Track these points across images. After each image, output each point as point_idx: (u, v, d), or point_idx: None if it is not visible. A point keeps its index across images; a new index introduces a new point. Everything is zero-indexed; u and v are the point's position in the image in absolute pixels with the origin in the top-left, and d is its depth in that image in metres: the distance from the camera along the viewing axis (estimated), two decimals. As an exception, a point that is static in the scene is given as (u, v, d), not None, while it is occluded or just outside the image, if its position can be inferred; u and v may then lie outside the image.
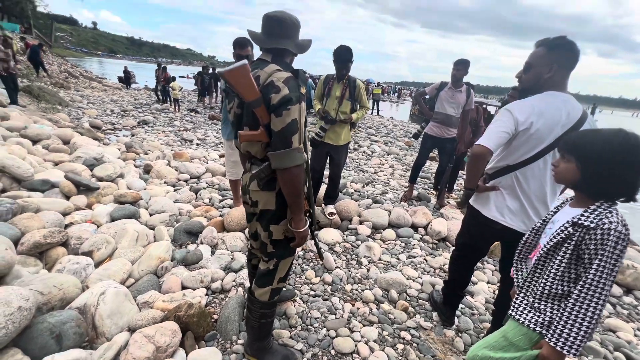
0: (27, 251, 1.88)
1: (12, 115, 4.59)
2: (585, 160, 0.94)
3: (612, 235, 0.87)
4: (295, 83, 1.16)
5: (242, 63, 1.08)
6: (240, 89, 1.11)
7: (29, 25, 23.71)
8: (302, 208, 1.28)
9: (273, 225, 1.34)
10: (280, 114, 1.11)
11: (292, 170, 1.16)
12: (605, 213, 0.91)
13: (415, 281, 2.40)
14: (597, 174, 0.92)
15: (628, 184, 0.91)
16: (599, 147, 0.92)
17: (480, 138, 1.47)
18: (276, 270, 1.43)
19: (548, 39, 1.42)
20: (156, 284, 2.01)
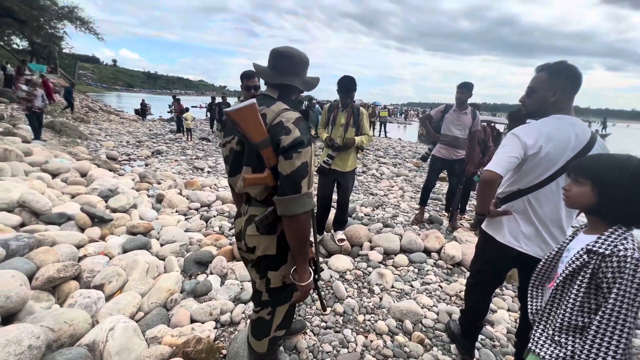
0: (40, 286, 1.91)
1: (34, 150, 4.83)
2: (603, 184, 0.92)
3: (629, 262, 0.83)
4: (305, 125, 1.11)
5: (250, 102, 1.05)
6: (247, 130, 1.06)
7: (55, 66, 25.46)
8: (307, 258, 1.18)
9: (271, 271, 1.23)
10: (291, 157, 1.04)
11: (300, 218, 1.07)
12: (620, 239, 0.88)
13: (431, 310, 2.30)
14: (615, 199, 0.90)
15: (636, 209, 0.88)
16: (617, 171, 0.90)
17: (489, 163, 1.45)
18: (272, 320, 1.31)
19: (549, 63, 1.43)
20: (165, 318, 1.99)
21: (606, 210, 0.93)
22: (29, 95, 6.98)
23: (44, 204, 2.80)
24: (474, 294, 1.80)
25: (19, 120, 8.84)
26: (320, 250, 3.02)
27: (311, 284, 1.24)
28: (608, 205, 0.92)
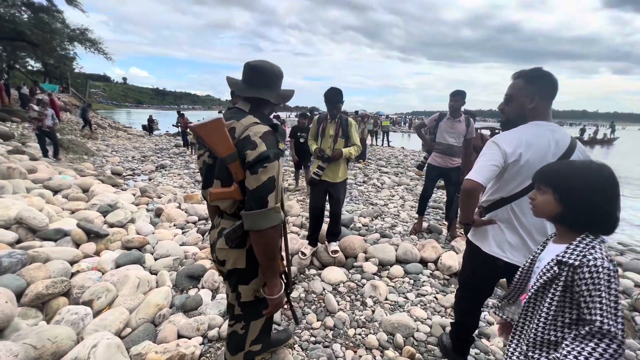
0: (29, 302, 1.92)
1: (39, 167, 4.95)
2: (564, 191, 0.90)
3: (601, 273, 0.80)
4: (273, 138, 1.10)
5: (216, 118, 1.06)
6: (213, 144, 1.06)
7: (67, 85, 26.37)
8: (277, 272, 1.18)
9: (242, 285, 1.23)
10: (256, 172, 1.04)
11: (267, 233, 1.07)
12: (588, 249, 0.85)
13: (424, 323, 2.23)
14: (578, 206, 0.88)
15: (608, 215, 0.86)
16: (578, 177, 0.88)
17: (470, 172, 1.44)
18: (247, 334, 1.30)
19: (525, 70, 1.43)
20: (152, 334, 1.98)
21: (571, 218, 0.91)
22: (40, 114, 7.20)
23: (40, 221, 2.85)
24: (463, 307, 1.75)
25: (29, 138, 9.11)
26: (313, 262, 2.99)
27: (282, 297, 1.23)
28: (572, 213, 0.89)
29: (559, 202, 0.91)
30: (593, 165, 0.88)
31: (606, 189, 0.85)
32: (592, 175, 0.86)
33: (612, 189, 0.85)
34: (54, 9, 12.98)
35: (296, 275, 2.77)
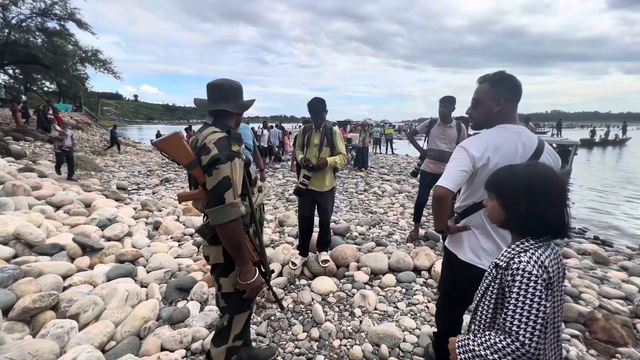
0: (16, 317, 1.96)
1: (44, 184, 5.11)
2: (504, 196, 0.89)
3: (523, 275, 0.79)
4: (226, 142, 1.23)
5: (173, 132, 1.20)
6: (173, 155, 1.21)
7: (80, 104, 27.34)
8: (246, 260, 1.29)
9: (222, 277, 1.37)
10: (211, 174, 1.18)
11: (228, 226, 1.19)
12: (518, 252, 0.84)
13: (412, 333, 2.18)
14: (516, 210, 0.87)
15: (549, 220, 0.84)
16: (513, 181, 0.87)
17: (440, 178, 1.43)
18: (231, 327, 1.41)
19: (489, 74, 1.43)
20: (136, 347, 1.98)
21: (514, 223, 0.90)
22: (61, 134, 7.39)
23: (36, 236, 2.93)
24: (444, 315, 1.71)
25: (40, 156, 9.43)
26: (304, 272, 2.97)
27: (258, 282, 1.34)
28: (514, 218, 0.88)
29: (502, 208, 0.90)
30: (533, 168, 0.87)
31: (546, 192, 0.84)
32: (531, 179, 0.85)
33: (552, 192, 0.83)
34: (66, 32, 13.61)
35: (286, 286, 2.76)
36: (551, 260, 0.85)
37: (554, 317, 0.87)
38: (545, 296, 0.78)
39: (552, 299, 0.83)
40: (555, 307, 0.87)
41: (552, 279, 0.81)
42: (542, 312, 0.77)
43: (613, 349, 2.07)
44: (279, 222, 4.55)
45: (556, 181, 0.84)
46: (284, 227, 4.40)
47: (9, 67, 14.08)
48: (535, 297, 0.78)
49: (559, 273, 0.90)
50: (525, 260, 0.80)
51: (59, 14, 12.80)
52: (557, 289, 0.87)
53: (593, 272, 3.25)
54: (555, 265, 0.88)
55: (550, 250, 0.88)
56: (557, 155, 1.38)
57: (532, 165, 0.88)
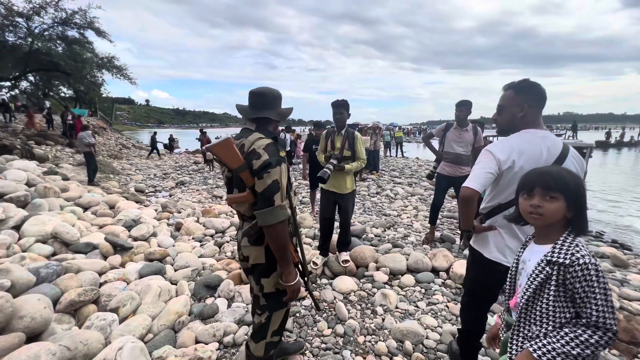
0: (63, 309, 2.10)
1: (70, 187, 5.33)
2: (574, 197, 0.94)
3: (591, 270, 0.87)
4: (274, 148, 1.31)
5: (224, 138, 1.29)
6: (225, 159, 1.28)
7: (95, 109, 28.11)
8: (289, 262, 1.35)
9: (264, 278, 1.42)
10: (262, 177, 1.25)
11: (276, 227, 1.26)
12: (574, 247, 0.92)
13: (434, 331, 2.25)
14: (582, 210, 0.94)
15: (586, 216, 0.92)
16: (578, 183, 0.95)
17: (467, 180, 1.51)
18: (269, 323, 1.47)
19: (514, 82, 1.51)
20: (172, 339, 2.10)
21: (575, 222, 0.95)
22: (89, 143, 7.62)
23: (72, 235, 3.10)
24: (469, 313, 1.77)
25: (61, 160, 9.78)
26: (325, 271, 3.06)
27: (298, 284, 1.41)
28: (578, 217, 0.95)
29: (568, 208, 0.95)
30: (570, 170, 0.96)
31: (585, 193, 0.93)
32: (580, 180, 0.94)
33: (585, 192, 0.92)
34: (85, 40, 14.11)
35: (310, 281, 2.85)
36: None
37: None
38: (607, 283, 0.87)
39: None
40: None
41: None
42: (610, 295, 0.87)
43: (635, 350, 2.10)
44: (295, 224, 4.66)
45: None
46: (301, 229, 4.50)
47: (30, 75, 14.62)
48: (607, 286, 0.86)
49: None
50: (586, 254, 0.88)
51: (79, 23, 13.30)
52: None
53: (612, 275, 3.25)
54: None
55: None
56: (582, 159, 1.45)
57: (566, 168, 0.97)
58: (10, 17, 12.21)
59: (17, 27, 12.62)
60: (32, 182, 4.72)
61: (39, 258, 2.68)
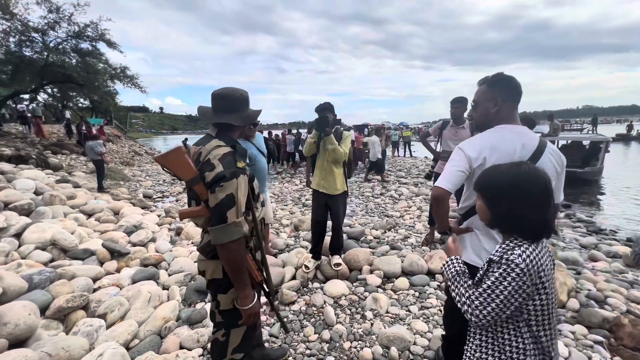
0: (52, 315, 2.14)
1: (78, 194, 5.49)
2: (489, 196, 0.91)
3: (510, 267, 0.83)
4: (231, 159, 1.19)
5: (175, 147, 1.18)
6: (176, 171, 1.18)
7: (111, 118, 29.06)
8: (246, 283, 1.25)
9: (221, 294, 1.31)
10: (214, 191, 1.14)
11: (229, 246, 1.15)
12: (511, 247, 0.87)
13: (424, 336, 2.17)
14: (499, 210, 0.89)
15: (524, 218, 0.85)
16: (496, 181, 0.89)
17: (438, 179, 1.45)
18: (228, 341, 1.36)
19: (488, 77, 1.44)
20: (157, 345, 2.11)
21: (498, 223, 0.91)
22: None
23: (70, 242, 3.17)
24: (452, 318, 1.70)
25: (75, 168, 10.12)
26: (317, 275, 3.02)
27: (256, 308, 1.30)
28: (497, 218, 0.90)
29: (487, 207, 0.92)
30: (517, 168, 0.88)
31: (526, 192, 0.85)
32: (513, 179, 0.87)
33: (532, 193, 0.85)
34: (97, 52, 14.59)
35: (299, 289, 2.82)
36: (542, 257, 0.87)
37: (549, 313, 0.89)
38: (523, 291, 0.82)
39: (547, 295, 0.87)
40: (550, 302, 0.90)
41: (545, 277, 0.83)
42: (510, 304, 0.83)
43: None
44: (294, 227, 4.64)
45: (538, 182, 0.85)
46: (299, 231, 4.47)
47: (47, 87, 15.22)
48: (510, 287, 0.82)
49: (551, 270, 0.92)
50: (517, 254, 0.83)
51: (91, 36, 13.75)
52: (550, 285, 0.89)
53: (623, 276, 3.07)
54: (549, 263, 0.90)
55: (542, 247, 0.89)
56: (562, 156, 1.36)
57: (516, 165, 0.90)
58: (27, 33, 12.78)
59: (34, 42, 13.18)
60: (40, 190, 4.88)
61: (35, 265, 2.75)
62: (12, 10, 12.26)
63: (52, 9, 12.84)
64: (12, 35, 12.69)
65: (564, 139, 10.82)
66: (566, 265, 3.20)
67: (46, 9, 12.78)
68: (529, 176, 0.85)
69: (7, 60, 13.32)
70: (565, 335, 2.22)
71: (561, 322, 2.38)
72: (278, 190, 8.05)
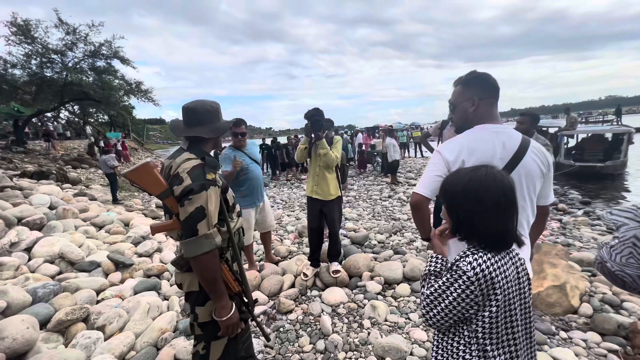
0: (52, 328, 2.20)
1: (91, 207, 5.68)
2: (447, 201, 0.87)
3: (457, 273, 0.79)
4: (200, 171, 1.20)
5: (143, 162, 1.18)
6: (145, 186, 1.18)
7: (128, 131, 30.16)
8: (222, 294, 1.24)
9: (199, 307, 1.30)
10: (183, 204, 1.15)
11: (201, 258, 1.16)
12: (465, 254, 0.82)
13: (422, 346, 2.08)
14: (456, 217, 0.83)
15: (476, 227, 0.80)
16: (453, 186, 0.84)
17: (416, 185, 1.40)
18: (208, 355, 1.34)
19: (462, 77, 1.39)
20: (152, 356, 2.12)
21: (456, 230, 0.86)
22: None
23: (77, 254, 3.27)
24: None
25: (93, 181, 10.52)
26: (316, 283, 2.98)
27: (234, 319, 1.28)
28: (455, 224, 0.85)
29: (448, 214, 0.87)
30: (474, 174, 0.83)
31: (478, 200, 0.80)
32: (467, 185, 0.81)
33: (485, 201, 0.79)
34: (112, 69, 15.24)
35: (297, 297, 2.78)
36: (501, 267, 0.80)
37: (505, 327, 0.83)
38: (471, 300, 0.77)
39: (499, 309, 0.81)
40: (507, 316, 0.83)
41: (500, 288, 0.77)
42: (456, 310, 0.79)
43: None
44: (298, 234, 4.62)
45: (495, 187, 0.79)
46: (302, 237, 4.44)
47: (68, 105, 15.97)
48: (455, 294, 0.78)
49: (518, 283, 0.85)
50: (467, 262, 0.79)
51: (105, 54, 14.39)
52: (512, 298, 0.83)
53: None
54: (514, 273, 0.84)
55: (505, 257, 0.83)
56: (547, 155, 1.28)
57: (475, 170, 0.84)
58: (47, 55, 13.50)
59: (54, 63, 13.91)
60: (54, 204, 5.08)
61: (42, 278, 2.85)
62: (33, 34, 13.01)
63: (70, 31, 13.53)
64: (34, 58, 13.46)
65: (583, 132, 10.36)
66: (580, 267, 3.02)
67: (64, 31, 13.49)
68: (486, 181, 0.80)
69: (30, 82, 14.11)
70: (576, 343, 2.08)
71: (572, 328, 2.24)
72: (286, 196, 8.07)
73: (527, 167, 1.22)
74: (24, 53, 13.17)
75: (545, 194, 1.33)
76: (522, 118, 3.05)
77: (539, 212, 1.34)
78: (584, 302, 2.43)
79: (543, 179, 1.27)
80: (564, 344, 2.08)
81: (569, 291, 2.45)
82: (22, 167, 10.19)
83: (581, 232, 4.38)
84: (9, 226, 3.62)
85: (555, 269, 2.63)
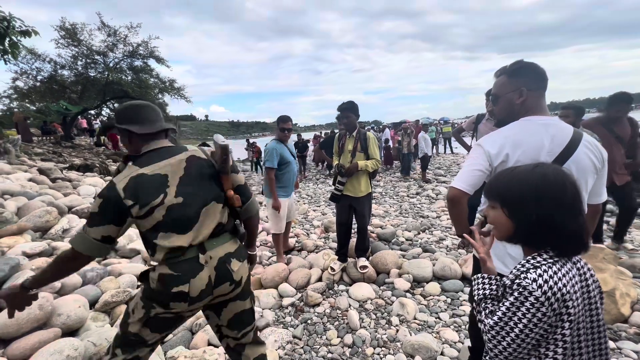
0: (99, 308, 2.38)
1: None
2: (511, 203, 0.79)
3: (523, 294, 0.71)
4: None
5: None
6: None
7: (163, 128, 31.79)
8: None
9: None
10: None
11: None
12: (527, 267, 0.74)
13: (453, 346, 2.02)
14: (526, 219, 0.76)
15: (560, 228, 0.73)
16: (519, 186, 0.77)
17: (454, 179, 1.35)
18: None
19: (506, 66, 1.31)
20: (188, 340, 2.23)
21: (521, 234, 0.79)
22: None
23: (119, 242, 3.50)
24: (476, 328, 1.56)
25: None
26: (343, 277, 2.98)
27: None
28: (522, 228, 0.77)
29: (509, 218, 0.80)
30: (542, 170, 0.76)
31: (559, 197, 0.73)
32: (541, 182, 0.75)
33: (565, 197, 0.73)
34: (149, 68, 16.07)
35: (324, 291, 2.80)
36: (570, 279, 0.73)
37: (580, 348, 0.76)
38: (544, 323, 0.69)
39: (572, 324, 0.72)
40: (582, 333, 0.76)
41: (567, 302, 0.70)
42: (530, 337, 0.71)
43: None
44: (324, 228, 4.64)
45: (569, 184, 0.73)
46: (328, 232, 4.46)
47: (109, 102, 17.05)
48: (525, 319, 0.70)
49: (587, 294, 0.78)
50: (532, 278, 0.71)
51: (142, 54, 15.18)
52: (584, 312, 0.76)
53: None
54: (580, 285, 0.76)
55: (571, 266, 0.76)
56: (602, 149, 1.18)
57: (540, 166, 0.78)
58: (91, 56, 14.47)
59: (97, 63, 14.89)
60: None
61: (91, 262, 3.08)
62: (79, 37, 13.98)
63: (111, 33, 14.40)
64: (80, 59, 14.49)
65: None
66: (632, 274, 2.78)
67: (105, 33, 14.37)
68: (559, 178, 0.73)
69: (77, 81, 15.21)
70: (626, 354, 1.93)
71: (622, 338, 2.07)
72: (312, 191, 8.12)
73: (579, 162, 1.14)
74: (71, 55, 14.22)
75: (597, 192, 1.23)
76: (566, 111, 2.84)
77: (590, 211, 1.25)
78: (636, 311, 2.24)
79: (596, 175, 1.18)
80: (613, 355, 1.93)
81: (619, 298, 2.27)
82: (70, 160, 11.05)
83: (632, 235, 4.02)
84: (61, 214, 3.95)
85: (603, 274, 2.44)
